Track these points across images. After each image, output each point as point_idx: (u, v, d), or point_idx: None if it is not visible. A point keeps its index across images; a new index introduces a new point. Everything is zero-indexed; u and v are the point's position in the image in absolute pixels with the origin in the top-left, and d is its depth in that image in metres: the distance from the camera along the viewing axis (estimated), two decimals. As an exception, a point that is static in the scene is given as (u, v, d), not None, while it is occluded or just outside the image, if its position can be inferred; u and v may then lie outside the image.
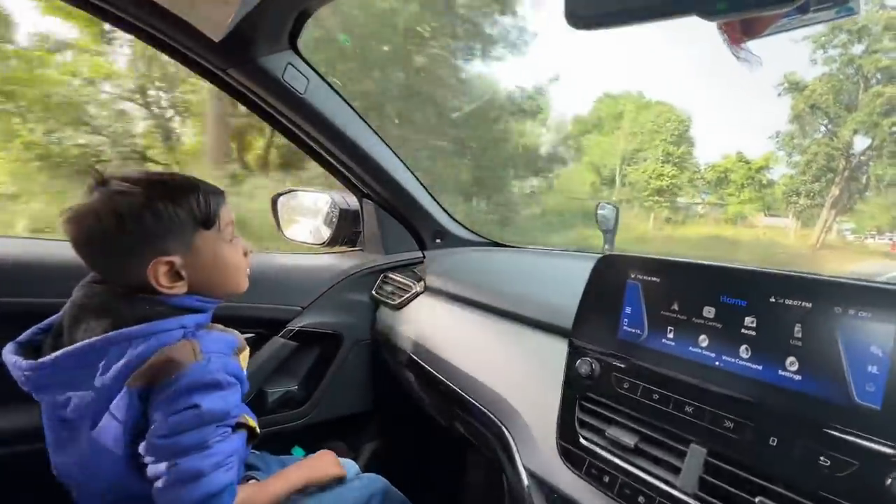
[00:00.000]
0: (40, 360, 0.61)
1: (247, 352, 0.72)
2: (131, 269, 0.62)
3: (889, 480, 0.35)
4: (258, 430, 0.75)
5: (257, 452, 0.88)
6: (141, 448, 0.59)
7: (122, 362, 0.59)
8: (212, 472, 0.58)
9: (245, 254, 0.73)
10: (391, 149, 1.18)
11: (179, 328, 0.63)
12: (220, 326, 0.70)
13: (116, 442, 0.60)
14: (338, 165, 1.13)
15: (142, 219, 0.60)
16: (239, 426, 0.71)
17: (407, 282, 1.20)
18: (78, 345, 0.60)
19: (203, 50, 0.84)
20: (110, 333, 0.60)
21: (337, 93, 1.01)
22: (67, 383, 0.61)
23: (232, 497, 0.60)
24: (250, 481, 0.78)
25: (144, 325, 0.61)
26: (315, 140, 1.04)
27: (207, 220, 0.66)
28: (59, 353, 0.60)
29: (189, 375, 0.59)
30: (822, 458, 0.39)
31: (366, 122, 1.11)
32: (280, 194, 1.38)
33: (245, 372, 0.68)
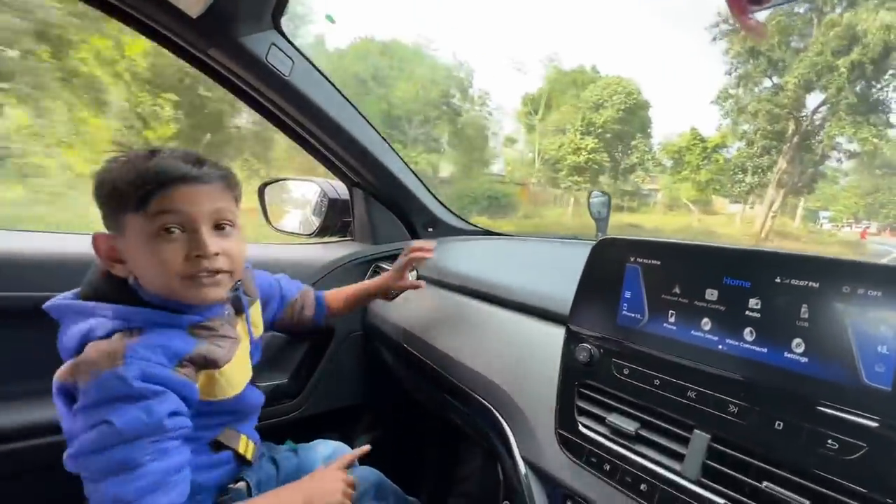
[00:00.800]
0: None
1: (231, 364, 0.66)
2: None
3: (900, 463, 0.34)
4: (248, 455, 0.73)
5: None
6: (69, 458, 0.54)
7: (63, 337, 0.58)
8: (137, 500, 0.52)
9: (188, 258, 0.58)
10: (381, 135, 1.15)
11: (112, 318, 0.57)
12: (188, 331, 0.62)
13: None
14: (326, 152, 1.10)
15: (97, 188, 0.58)
16: (221, 447, 0.69)
17: (399, 271, 1.18)
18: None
19: (182, 29, 0.80)
20: (59, 302, 0.59)
21: (323, 76, 0.97)
22: None
23: None
24: (238, 483, 0.75)
25: (80, 303, 0.60)
26: (301, 125, 1.01)
27: (130, 201, 0.56)
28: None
29: (99, 383, 0.53)
30: (829, 441, 0.38)
31: (354, 107, 1.07)
32: (267, 183, 1.34)
33: (193, 384, 0.60)
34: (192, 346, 0.60)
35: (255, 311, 0.79)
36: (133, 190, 0.56)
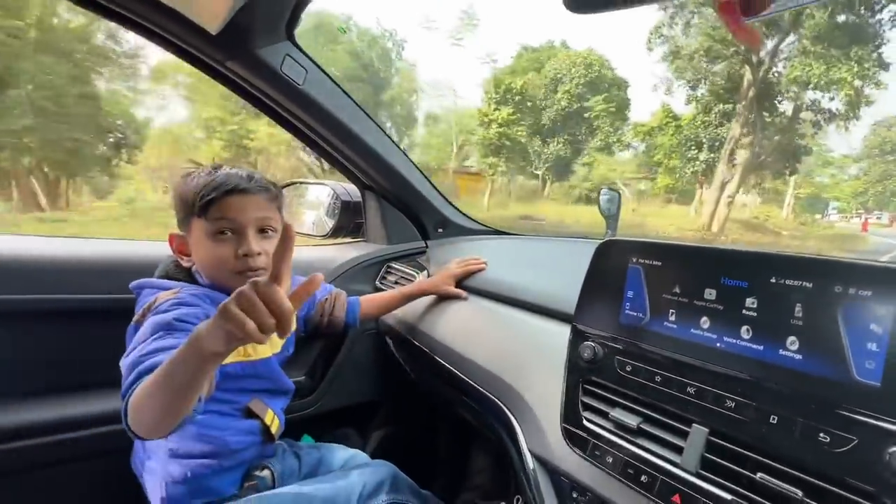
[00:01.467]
0: None
1: None
2: None
3: (888, 455, 0.36)
4: (272, 430, 0.79)
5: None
6: None
7: (139, 303, 0.72)
8: (128, 364, 0.58)
9: (237, 256, 0.72)
10: (391, 139, 1.18)
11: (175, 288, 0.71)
12: None
13: None
14: (338, 157, 1.14)
15: (175, 197, 0.75)
16: (251, 415, 0.77)
17: (410, 271, 1.21)
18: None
19: (201, 43, 0.84)
20: (141, 280, 0.75)
21: (336, 84, 1.00)
22: None
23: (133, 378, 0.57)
24: (264, 471, 0.80)
25: (156, 280, 0.76)
26: (315, 131, 1.04)
27: (199, 210, 0.72)
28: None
29: (160, 306, 0.66)
30: (821, 434, 0.39)
31: (366, 112, 1.11)
32: (281, 187, 1.39)
33: None
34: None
35: None
36: (198, 199, 0.71)
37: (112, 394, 0.91)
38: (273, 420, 0.81)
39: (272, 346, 0.82)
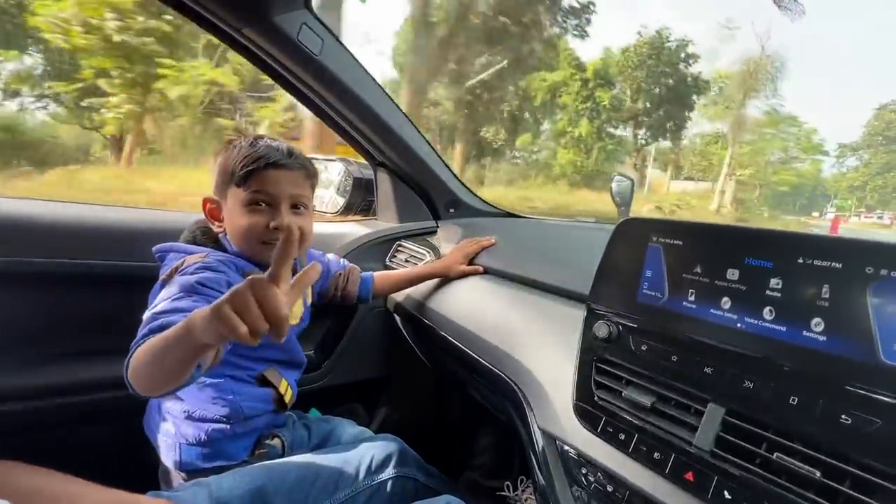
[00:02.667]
0: None
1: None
2: None
3: (912, 437, 0.35)
4: (286, 399, 0.80)
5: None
6: None
7: (164, 269, 0.72)
8: (145, 318, 0.60)
9: (269, 227, 0.74)
10: (406, 116, 1.16)
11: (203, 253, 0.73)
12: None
13: None
14: (352, 132, 1.12)
15: (217, 164, 0.76)
16: (265, 383, 0.79)
17: (421, 250, 1.20)
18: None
19: (218, 9, 0.82)
20: (168, 244, 0.76)
21: (352, 56, 0.99)
22: None
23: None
24: (274, 440, 0.82)
25: (183, 244, 0.77)
26: (329, 104, 1.03)
27: (239, 179, 0.73)
28: None
29: (184, 273, 0.68)
30: (843, 416, 0.39)
31: (381, 87, 1.09)
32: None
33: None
34: (255, 270, 0.74)
35: None
36: (238, 169, 0.73)
37: (121, 359, 0.94)
38: (287, 390, 0.82)
39: (291, 318, 0.83)
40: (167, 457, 0.77)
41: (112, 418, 0.90)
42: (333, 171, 1.44)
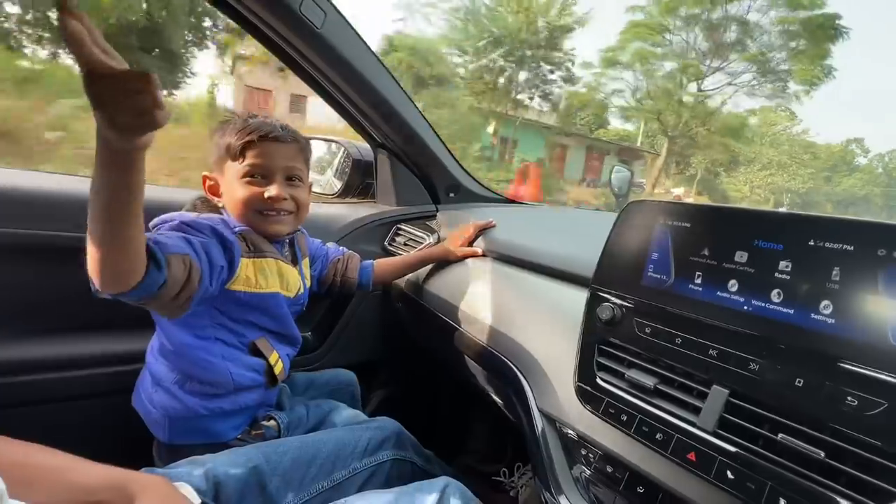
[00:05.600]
0: None
1: (273, 262, 0.80)
2: None
3: (919, 418, 0.35)
4: (276, 371, 0.80)
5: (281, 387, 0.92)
6: None
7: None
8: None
9: (266, 197, 0.76)
10: (409, 97, 1.14)
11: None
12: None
13: None
14: (353, 110, 1.10)
15: (215, 141, 0.78)
16: (256, 353, 0.80)
17: (420, 234, 1.19)
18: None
19: (217, -25, 0.79)
20: (164, 216, 0.73)
21: (355, 31, 0.96)
22: None
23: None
24: (270, 421, 0.81)
25: (180, 213, 0.75)
26: (329, 80, 1.00)
27: (231, 151, 0.75)
28: None
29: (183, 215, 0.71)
30: (849, 397, 0.39)
31: (384, 66, 1.06)
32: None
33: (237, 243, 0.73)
34: (248, 231, 0.76)
35: (305, 266, 0.92)
36: (235, 142, 0.75)
37: (116, 336, 0.92)
38: (277, 362, 0.81)
39: (285, 290, 0.82)
40: (158, 432, 0.77)
41: (104, 394, 0.89)
42: (333, 151, 1.42)
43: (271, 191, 0.76)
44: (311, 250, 0.97)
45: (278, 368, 0.81)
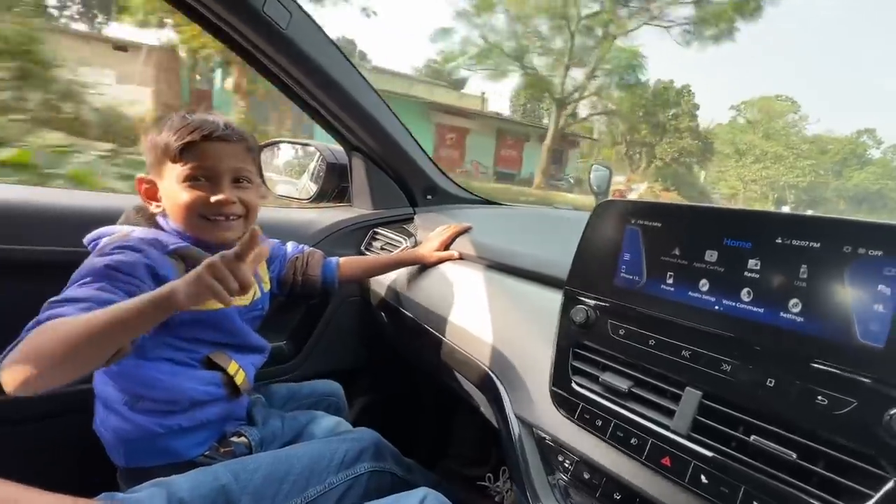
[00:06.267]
0: None
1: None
2: None
3: (888, 416, 0.35)
4: (237, 381, 0.76)
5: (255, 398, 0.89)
6: None
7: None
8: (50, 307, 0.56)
9: (211, 201, 0.70)
10: (382, 98, 1.12)
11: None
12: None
13: None
14: (325, 114, 1.08)
15: (148, 140, 0.72)
16: (213, 366, 0.76)
17: (398, 237, 1.17)
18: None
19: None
20: (98, 230, 0.72)
21: (322, 32, 0.94)
22: None
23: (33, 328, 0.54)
24: (240, 438, 0.78)
25: (117, 226, 0.72)
26: (299, 83, 0.97)
27: (169, 152, 0.70)
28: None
29: (103, 248, 0.65)
30: (819, 397, 0.38)
31: (355, 67, 1.04)
32: (263, 146, 1.32)
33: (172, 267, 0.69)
34: (184, 245, 0.71)
35: (262, 268, 0.86)
36: (173, 142, 0.69)
37: None
38: (238, 372, 0.77)
39: (242, 300, 0.79)
40: (115, 459, 0.72)
41: (62, 415, 0.85)
42: (306, 156, 1.39)
43: (218, 195, 0.71)
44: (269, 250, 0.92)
45: (240, 378, 0.77)
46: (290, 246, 0.98)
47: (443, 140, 16.55)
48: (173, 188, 0.70)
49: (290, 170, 1.39)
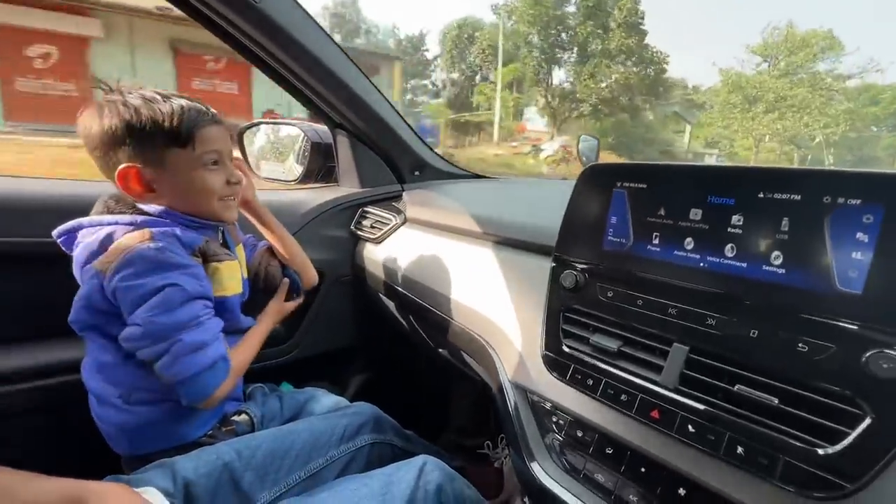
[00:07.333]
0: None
1: (229, 264, 0.77)
2: (110, 172, 0.67)
3: (864, 359, 0.36)
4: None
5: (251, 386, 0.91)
6: (127, 334, 0.65)
7: (78, 249, 0.68)
8: (213, 343, 0.68)
9: (229, 182, 0.73)
10: (363, 72, 1.09)
11: (130, 224, 0.67)
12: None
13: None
14: (305, 90, 1.05)
15: (114, 126, 0.64)
16: None
17: (387, 215, 1.17)
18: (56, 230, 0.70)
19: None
20: (72, 222, 0.70)
21: (298, 4, 0.90)
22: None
23: (227, 364, 0.70)
24: (241, 416, 0.79)
25: (97, 217, 0.69)
26: (276, 59, 0.94)
27: (178, 138, 0.67)
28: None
29: (140, 256, 0.64)
30: (800, 344, 0.40)
31: (335, 42, 1.01)
32: (246, 127, 1.29)
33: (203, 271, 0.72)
34: (200, 240, 0.72)
35: (240, 251, 0.86)
36: (179, 128, 0.66)
37: (49, 344, 0.87)
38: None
39: (236, 284, 0.80)
40: (117, 449, 0.73)
41: (61, 406, 0.85)
42: (290, 135, 1.36)
43: (234, 176, 0.74)
44: (241, 238, 0.92)
45: None
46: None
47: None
48: (187, 175, 0.69)
49: (274, 152, 1.36)
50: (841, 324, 0.38)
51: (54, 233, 0.70)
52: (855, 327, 0.37)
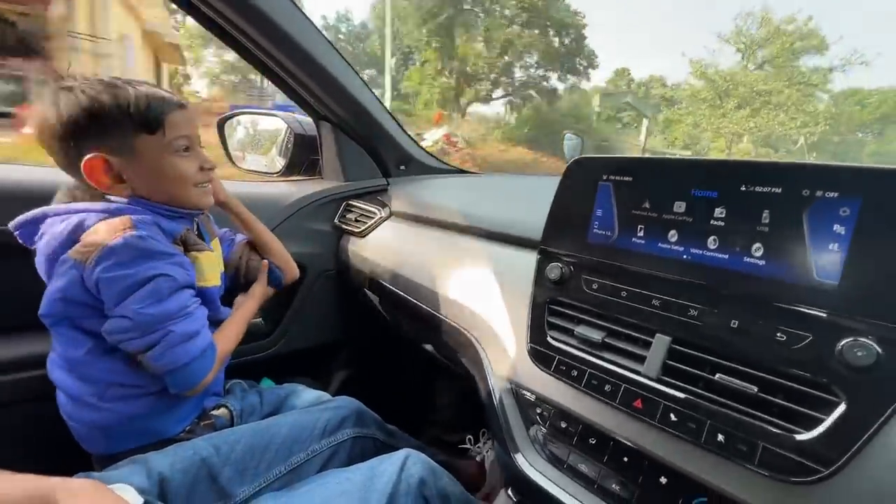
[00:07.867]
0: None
1: (209, 254, 0.75)
2: (73, 164, 0.64)
3: (839, 347, 0.37)
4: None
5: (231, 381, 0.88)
6: (113, 327, 0.63)
7: (44, 239, 0.65)
8: (202, 331, 0.67)
9: (202, 168, 0.72)
10: (349, 63, 1.08)
11: (103, 211, 0.64)
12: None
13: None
14: (289, 80, 1.03)
15: (76, 115, 0.61)
16: None
17: (372, 209, 1.15)
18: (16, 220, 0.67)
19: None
20: (35, 211, 0.66)
21: (282, -8, 0.89)
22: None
23: (214, 351, 0.69)
24: (220, 410, 0.77)
25: (63, 205, 0.66)
26: (260, 47, 0.92)
27: (148, 125, 0.64)
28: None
29: (124, 246, 0.61)
30: (778, 333, 0.40)
31: (320, 32, 0.99)
32: (227, 117, 1.26)
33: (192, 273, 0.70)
34: (181, 229, 0.71)
35: (216, 245, 0.83)
36: (147, 113, 0.64)
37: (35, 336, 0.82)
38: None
39: (216, 274, 0.78)
40: (91, 449, 0.71)
41: (30, 401, 0.81)
42: (273, 126, 1.33)
43: (207, 162, 0.72)
44: (217, 232, 0.89)
45: None
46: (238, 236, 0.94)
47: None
48: (159, 161, 0.66)
49: (259, 144, 1.34)
50: (817, 313, 0.39)
51: (12, 224, 0.67)
52: (831, 317, 0.38)
